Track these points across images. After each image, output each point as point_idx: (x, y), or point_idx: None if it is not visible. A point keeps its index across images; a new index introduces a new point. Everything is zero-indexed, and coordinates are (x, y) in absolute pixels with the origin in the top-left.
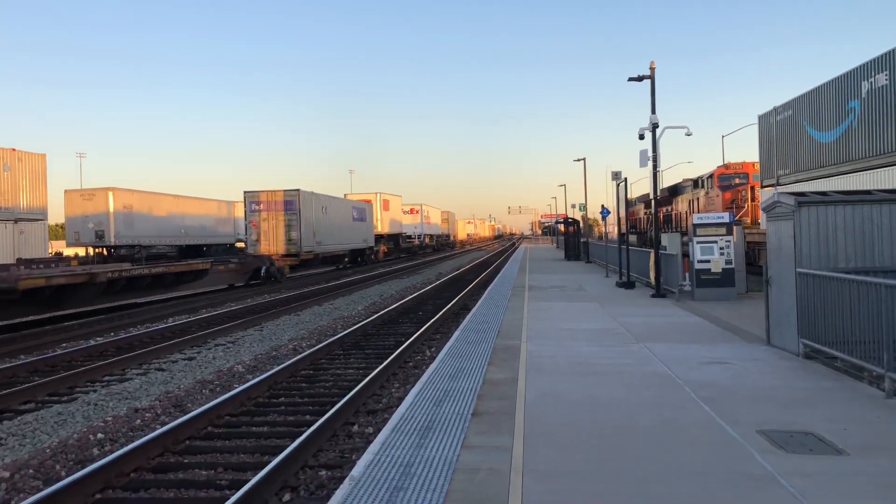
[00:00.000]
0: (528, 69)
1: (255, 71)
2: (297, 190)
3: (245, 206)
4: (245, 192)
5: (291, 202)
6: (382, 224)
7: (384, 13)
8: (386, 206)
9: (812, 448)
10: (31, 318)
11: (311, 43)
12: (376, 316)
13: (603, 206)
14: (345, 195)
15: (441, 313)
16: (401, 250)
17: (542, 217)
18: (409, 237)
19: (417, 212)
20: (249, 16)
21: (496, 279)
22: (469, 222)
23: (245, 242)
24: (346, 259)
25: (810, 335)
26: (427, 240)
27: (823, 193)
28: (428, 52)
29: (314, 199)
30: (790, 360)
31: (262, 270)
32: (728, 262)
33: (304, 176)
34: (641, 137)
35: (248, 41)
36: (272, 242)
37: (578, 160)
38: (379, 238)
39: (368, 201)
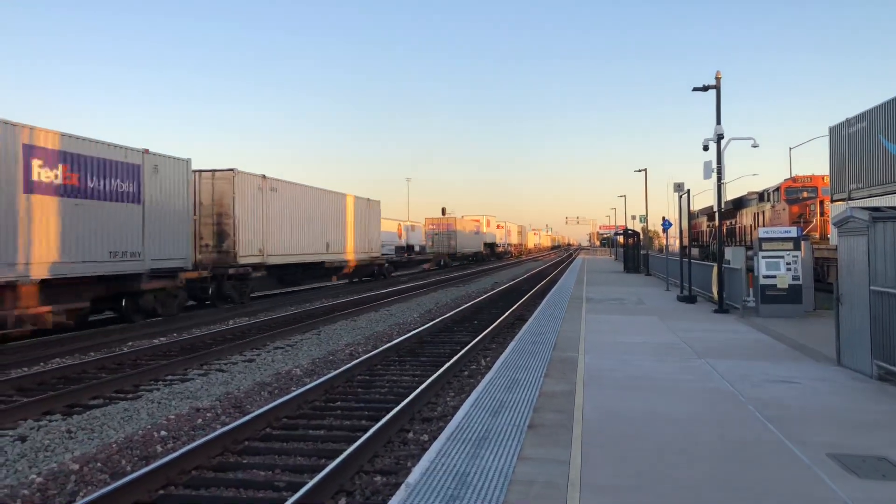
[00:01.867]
0: (589, 77)
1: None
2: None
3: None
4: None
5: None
6: (488, 237)
7: (441, 25)
8: (489, 224)
9: (885, 474)
10: (100, 317)
11: (360, 49)
12: (432, 323)
13: (664, 217)
14: (443, 210)
15: (497, 322)
16: (493, 256)
17: (600, 228)
18: (499, 246)
19: (502, 227)
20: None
21: (552, 290)
22: (535, 233)
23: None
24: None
25: (885, 356)
26: (512, 248)
27: None
28: (485, 60)
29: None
30: (862, 381)
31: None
32: (795, 278)
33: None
34: (706, 149)
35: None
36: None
37: (639, 171)
38: (486, 245)
39: (477, 220)
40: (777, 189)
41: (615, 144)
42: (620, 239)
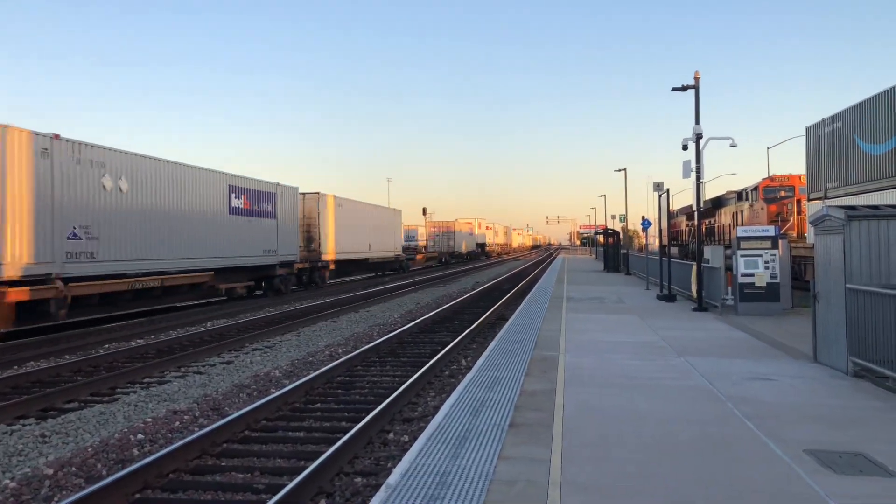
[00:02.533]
0: (568, 77)
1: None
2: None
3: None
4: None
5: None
6: (482, 238)
7: (422, 23)
8: (480, 226)
9: (862, 469)
10: (76, 319)
11: (339, 51)
12: (412, 324)
13: (644, 217)
14: (456, 218)
15: (478, 322)
16: (483, 254)
17: (580, 228)
18: (488, 245)
19: (491, 228)
20: (268, 20)
21: (533, 289)
22: (518, 233)
23: None
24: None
25: (860, 353)
26: (498, 248)
27: (875, 207)
28: (464, 60)
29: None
30: (838, 378)
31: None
32: (773, 276)
33: (341, 183)
34: (685, 148)
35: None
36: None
37: (619, 170)
38: (478, 245)
39: (470, 223)
40: (755, 188)
41: (595, 144)
42: (600, 238)
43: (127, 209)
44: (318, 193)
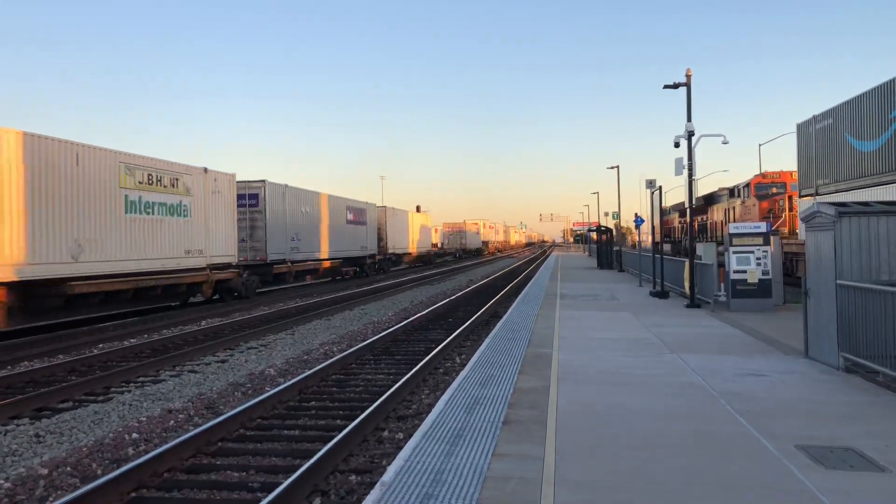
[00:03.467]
0: (561, 75)
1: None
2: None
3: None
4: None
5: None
6: (485, 236)
7: (416, 18)
8: (484, 225)
9: (853, 464)
10: (73, 318)
11: (333, 46)
12: (407, 321)
13: (637, 214)
14: (465, 220)
15: (472, 319)
16: (487, 251)
17: (574, 225)
18: (491, 243)
19: (493, 227)
20: (256, 16)
21: (527, 287)
22: (515, 231)
23: None
24: (475, 251)
25: (851, 348)
26: (498, 244)
27: (865, 204)
28: (455, 57)
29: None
30: (829, 373)
31: None
32: (765, 272)
33: (335, 181)
34: (677, 145)
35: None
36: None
37: (612, 168)
38: (483, 243)
39: (476, 223)
40: (747, 185)
41: (588, 141)
42: (594, 235)
43: (309, 224)
44: (385, 207)
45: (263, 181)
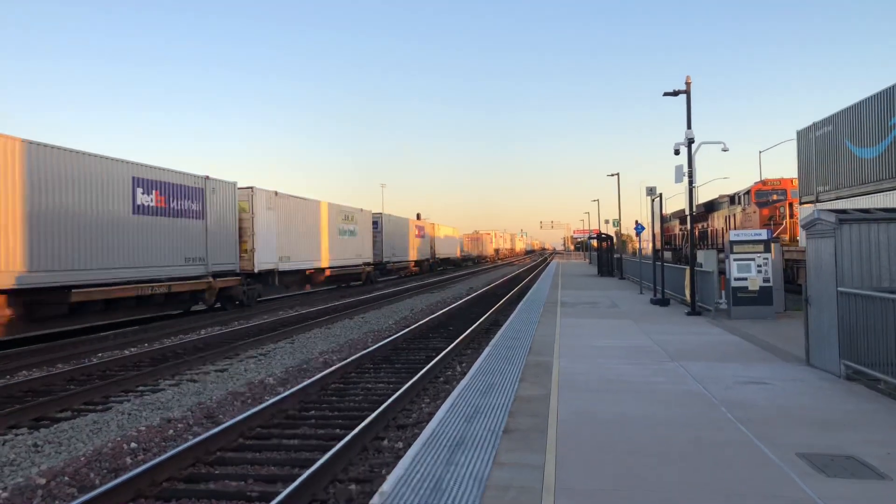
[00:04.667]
0: (562, 83)
1: (287, 84)
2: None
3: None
4: None
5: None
6: (496, 244)
7: (423, 29)
8: (496, 235)
9: (854, 472)
10: (71, 328)
11: (336, 53)
12: (408, 330)
13: (637, 221)
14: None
15: (472, 327)
16: (499, 257)
17: (574, 232)
18: (500, 250)
19: (501, 236)
20: (261, 23)
21: (527, 294)
22: (520, 240)
23: None
24: (488, 258)
25: (852, 356)
26: (504, 252)
27: (866, 211)
28: (458, 66)
29: None
30: (831, 381)
31: None
32: (766, 280)
33: (335, 189)
34: (677, 153)
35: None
36: None
37: (612, 175)
38: (495, 250)
39: (490, 234)
40: (747, 192)
41: (589, 149)
42: (594, 243)
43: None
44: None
45: (251, 188)
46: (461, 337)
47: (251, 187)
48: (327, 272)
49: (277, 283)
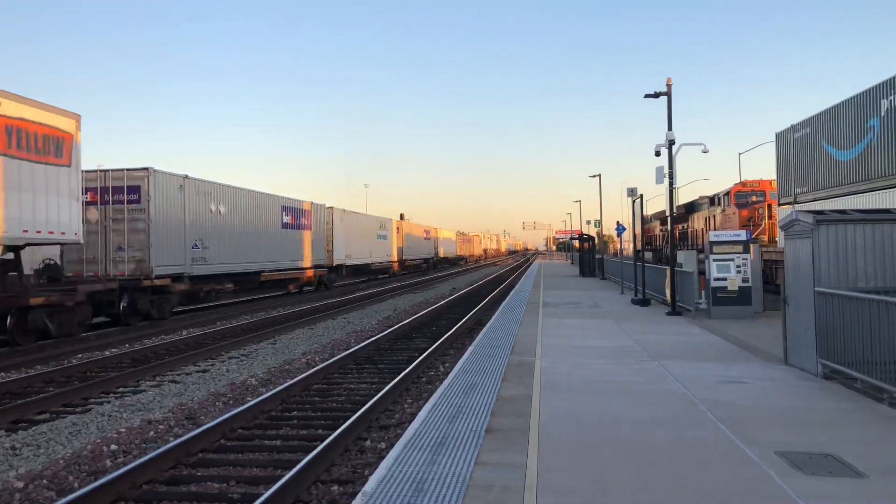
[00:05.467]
0: (543, 83)
1: (270, 81)
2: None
3: None
4: None
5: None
6: (485, 244)
7: (397, 25)
8: (485, 236)
9: (832, 470)
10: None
11: (316, 52)
12: (390, 330)
13: (618, 222)
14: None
15: (456, 327)
16: (487, 257)
17: (556, 233)
18: (488, 250)
19: (489, 237)
20: (250, 22)
21: (510, 294)
22: (505, 240)
23: None
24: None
25: (829, 355)
26: (490, 251)
27: (842, 212)
28: (439, 64)
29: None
30: (808, 380)
31: None
32: (745, 280)
33: (321, 189)
34: (658, 154)
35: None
36: None
37: (594, 176)
38: (483, 250)
39: (478, 235)
40: (727, 193)
41: (570, 150)
42: (576, 243)
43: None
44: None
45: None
46: (444, 337)
47: (332, 207)
48: (395, 266)
49: (344, 273)
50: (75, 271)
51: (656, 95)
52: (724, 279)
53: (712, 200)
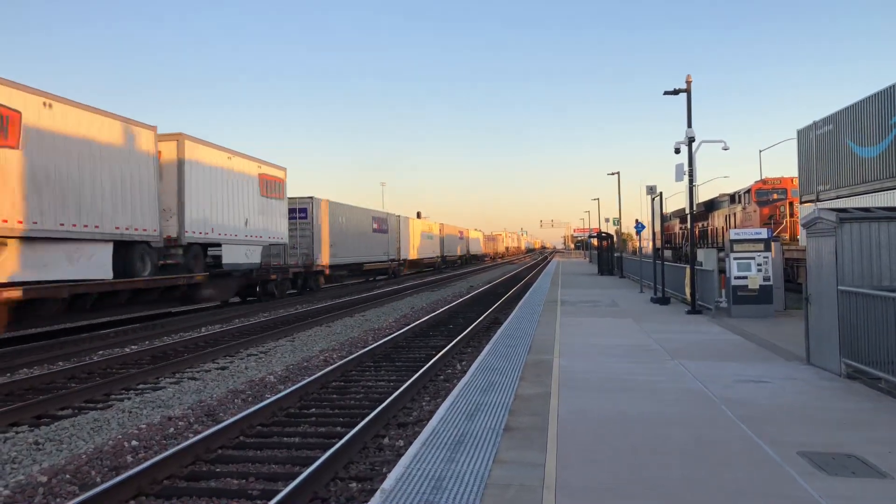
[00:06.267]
0: (562, 81)
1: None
2: None
3: None
4: None
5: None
6: (507, 243)
7: (417, 26)
8: (506, 235)
9: (855, 471)
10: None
11: (336, 50)
12: (407, 328)
13: (637, 220)
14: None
15: (473, 326)
16: (508, 254)
17: (574, 231)
18: (508, 248)
19: (510, 236)
20: (262, 20)
21: (528, 293)
22: (525, 239)
23: None
24: (501, 255)
25: (853, 355)
26: (512, 249)
27: (866, 209)
28: (458, 64)
29: None
30: (831, 379)
31: None
32: (766, 278)
33: (337, 188)
34: (677, 151)
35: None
36: None
37: (612, 174)
38: (505, 248)
39: (501, 234)
40: (748, 191)
41: (589, 147)
42: (594, 242)
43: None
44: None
45: (399, 216)
46: (461, 335)
47: (399, 215)
48: (438, 260)
49: (405, 266)
50: (277, 262)
51: (675, 92)
52: (745, 277)
53: (733, 198)
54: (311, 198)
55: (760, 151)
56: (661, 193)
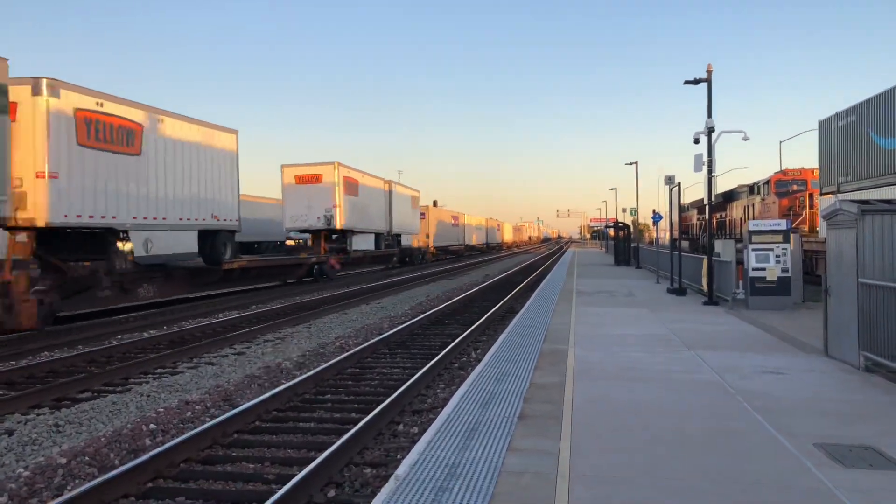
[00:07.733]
0: (581, 72)
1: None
2: None
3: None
4: None
5: None
6: (528, 232)
7: (437, 20)
8: (528, 225)
9: (872, 463)
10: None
11: (351, 41)
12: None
13: (655, 210)
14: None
15: (488, 314)
16: (523, 243)
17: (591, 221)
18: (531, 238)
19: (526, 225)
20: (271, 15)
21: (543, 282)
22: (543, 228)
23: None
24: (516, 244)
25: (872, 347)
26: (533, 238)
27: (889, 201)
28: (476, 57)
29: None
30: (849, 372)
31: None
32: (784, 270)
33: None
34: (696, 142)
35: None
36: None
37: (630, 164)
38: (528, 236)
39: (524, 225)
40: (767, 182)
41: (607, 137)
42: (611, 231)
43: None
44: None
45: (427, 206)
46: (477, 323)
47: (426, 206)
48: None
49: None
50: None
51: (696, 82)
52: (763, 269)
53: (751, 189)
54: (428, 206)
55: (781, 142)
56: (679, 184)
